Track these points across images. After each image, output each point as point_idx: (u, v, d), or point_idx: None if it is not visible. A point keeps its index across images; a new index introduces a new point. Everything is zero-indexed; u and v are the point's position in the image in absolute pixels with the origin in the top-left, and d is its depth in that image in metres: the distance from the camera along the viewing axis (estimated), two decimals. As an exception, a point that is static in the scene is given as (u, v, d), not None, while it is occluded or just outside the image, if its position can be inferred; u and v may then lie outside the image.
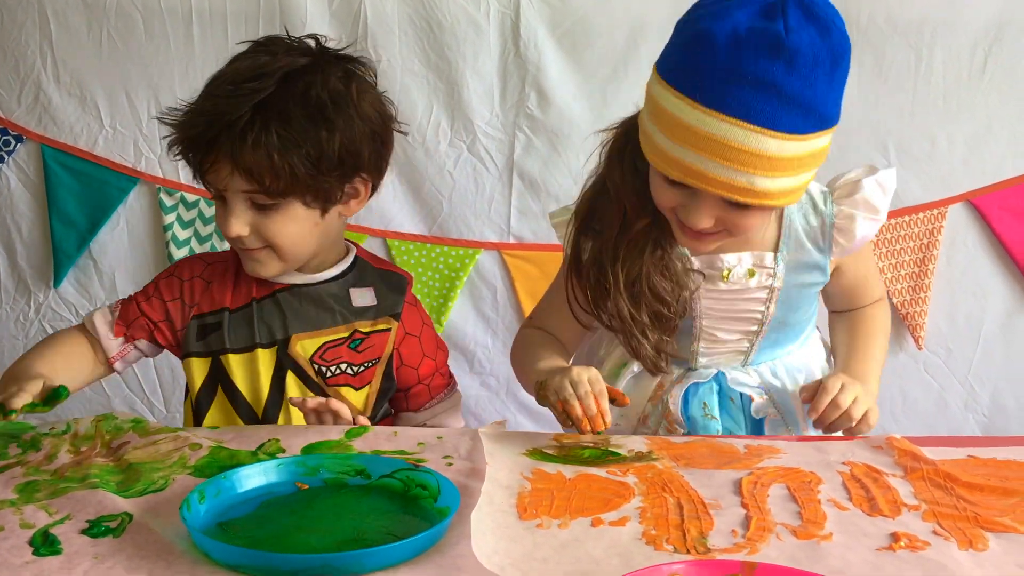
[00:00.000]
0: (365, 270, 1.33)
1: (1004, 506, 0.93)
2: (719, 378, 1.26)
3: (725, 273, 1.19)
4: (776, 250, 1.21)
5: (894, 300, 1.97)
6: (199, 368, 1.28)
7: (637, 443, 1.11)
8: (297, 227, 1.21)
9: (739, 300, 1.22)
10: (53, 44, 1.92)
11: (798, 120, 1.02)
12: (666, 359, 1.21)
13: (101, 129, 1.95)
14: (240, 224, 1.19)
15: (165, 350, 1.33)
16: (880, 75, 1.91)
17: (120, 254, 2.01)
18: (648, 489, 0.96)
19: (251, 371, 1.27)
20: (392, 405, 1.35)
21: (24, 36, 1.92)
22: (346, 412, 1.18)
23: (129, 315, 1.29)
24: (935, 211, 1.95)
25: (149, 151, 1.97)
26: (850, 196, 1.22)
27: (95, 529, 0.86)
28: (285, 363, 1.26)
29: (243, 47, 1.22)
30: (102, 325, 1.28)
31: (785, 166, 1.03)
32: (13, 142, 1.95)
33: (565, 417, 1.09)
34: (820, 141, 1.06)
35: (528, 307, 2.00)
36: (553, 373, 1.13)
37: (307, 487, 0.95)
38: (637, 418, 1.29)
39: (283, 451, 1.05)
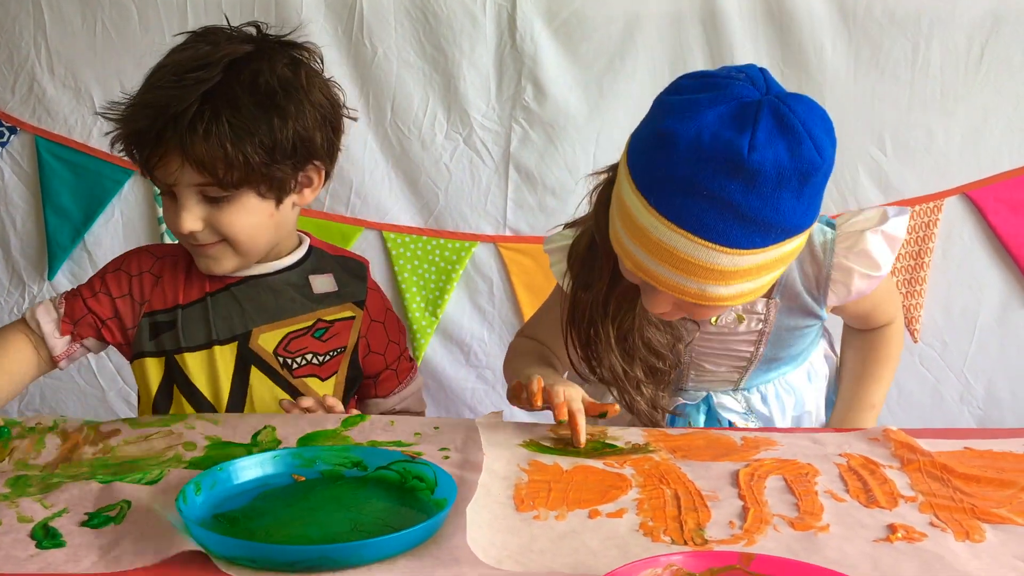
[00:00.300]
0: (321, 257, 1.31)
1: (1000, 497, 0.93)
2: (708, 400, 1.27)
3: (713, 320, 1.18)
4: (769, 296, 1.17)
5: (890, 293, 1.96)
6: (153, 369, 1.24)
7: (634, 435, 1.11)
8: (252, 219, 1.18)
9: (728, 341, 1.21)
10: (47, 35, 1.92)
11: (756, 237, 0.96)
12: (662, 413, 1.19)
13: (95, 120, 1.94)
14: (192, 219, 1.15)
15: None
16: (877, 67, 1.91)
17: (115, 246, 2.00)
18: (645, 481, 0.96)
19: (210, 369, 1.23)
20: (358, 392, 1.34)
21: (18, 27, 1.91)
22: (340, 407, 1.17)
23: (75, 312, 1.23)
24: (931, 204, 1.95)
25: (144, 143, 1.95)
26: (852, 248, 1.16)
27: (96, 520, 0.86)
28: (248, 358, 1.23)
29: (180, 38, 1.19)
30: (47, 323, 1.22)
31: (740, 276, 0.99)
32: (7, 133, 1.95)
33: (523, 402, 1.09)
34: (786, 247, 1.00)
35: (524, 300, 2.00)
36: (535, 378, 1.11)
37: (303, 479, 0.94)
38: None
39: (279, 442, 1.05)
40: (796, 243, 1.01)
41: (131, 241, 2.00)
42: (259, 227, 1.20)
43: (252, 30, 1.21)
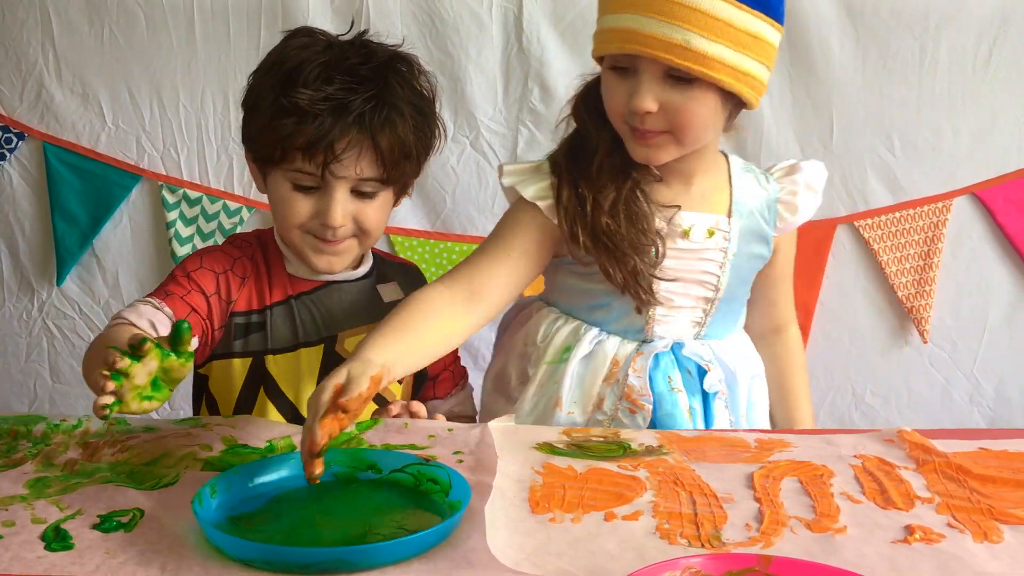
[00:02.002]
0: (384, 265, 1.35)
1: (1017, 498, 0.93)
2: (675, 350, 1.25)
3: (687, 229, 1.21)
4: (729, 215, 1.24)
5: (899, 293, 1.96)
6: (239, 370, 1.23)
7: (647, 437, 1.11)
8: (386, 215, 1.24)
9: (697, 261, 1.23)
10: (55, 41, 1.91)
11: None
12: (650, 284, 1.19)
13: (103, 126, 1.94)
14: (345, 213, 1.18)
15: None
16: (885, 67, 1.90)
17: (123, 251, 2.00)
18: (660, 483, 0.96)
19: (295, 371, 1.23)
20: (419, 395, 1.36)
21: (26, 34, 1.91)
22: (424, 413, 1.17)
23: (178, 310, 1.16)
24: (940, 204, 1.94)
25: (152, 148, 1.96)
26: (789, 175, 1.30)
27: (106, 524, 0.85)
28: (334, 361, 1.22)
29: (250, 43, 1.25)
30: (163, 327, 1.11)
31: (720, 30, 1.08)
32: (15, 140, 1.94)
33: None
34: (758, 24, 1.11)
35: (532, 302, 2.00)
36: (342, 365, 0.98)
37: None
38: (592, 404, 1.24)
39: (294, 446, 1.05)
40: (766, 31, 1.12)
41: (139, 246, 2.00)
42: (385, 224, 1.26)
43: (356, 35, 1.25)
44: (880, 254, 1.95)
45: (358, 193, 1.19)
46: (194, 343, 1.11)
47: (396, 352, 1.04)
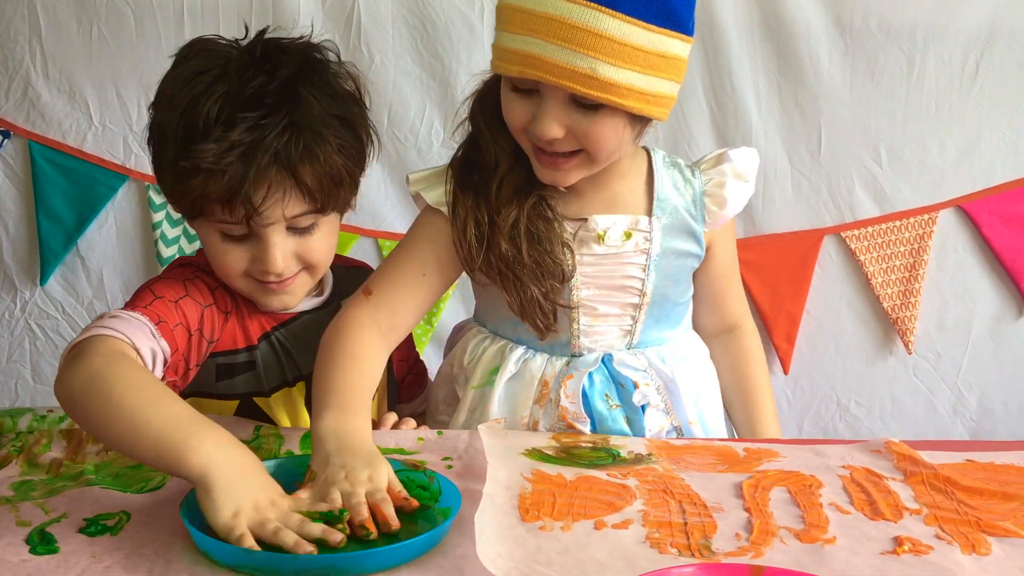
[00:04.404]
0: (341, 278, 1.26)
1: (1005, 510, 0.93)
2: (606, 362, 1.19)
3: (601, 234, 1.15)
4: (650, 214, 1.17)
5: (884, 304, 1.97)
6: (220, 412, 1.14)
7: (636, 445, 1.11)
8: (332, 240, 1.15)
9: (617, 265, 1.16)
10: (42, 39, 1.90)
11: (639, 5, 1.00)
12: (554, 311, 1.13)
13: (90, 126, 1.93)
14: (286, 256, 1.08)
15: None
16: (872, 80, 1.92)
17: (108, 252, 1.99)
18: (650, 492, 0.96)
19: (291, 409, 1.18)
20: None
21: (13, 31, 1.89)
22: (412, 425, 1.16)
23: (172, 346, 1.05)
24: (926, 216, 1.95)
25: (139, 148, 1.94)
26: (717, 166, 1.23)
27: (92, 528, 0.85)
28: None
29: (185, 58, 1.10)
30: (148, 355, 1.01)
31: (629, 56, 1.00)
32: (0, 138, 1.93)
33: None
34: (668, 43, 1.03)
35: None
36: (331, 455, 0.90)
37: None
38: (525, 426, 1.18)
39: (282, 439, 1.04)
40: (677, 47, 1.04)
41: (124, 247, 1.99)
42: (333, 248, 1.17)
43: (245, 36, 1.15)
44: (866, 265, 1.96)
45: (296, 230, 1.09)
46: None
47: (366, 414, 0.99)
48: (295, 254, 1.11)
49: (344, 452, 0.90)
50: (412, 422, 1.13)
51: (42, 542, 0.82)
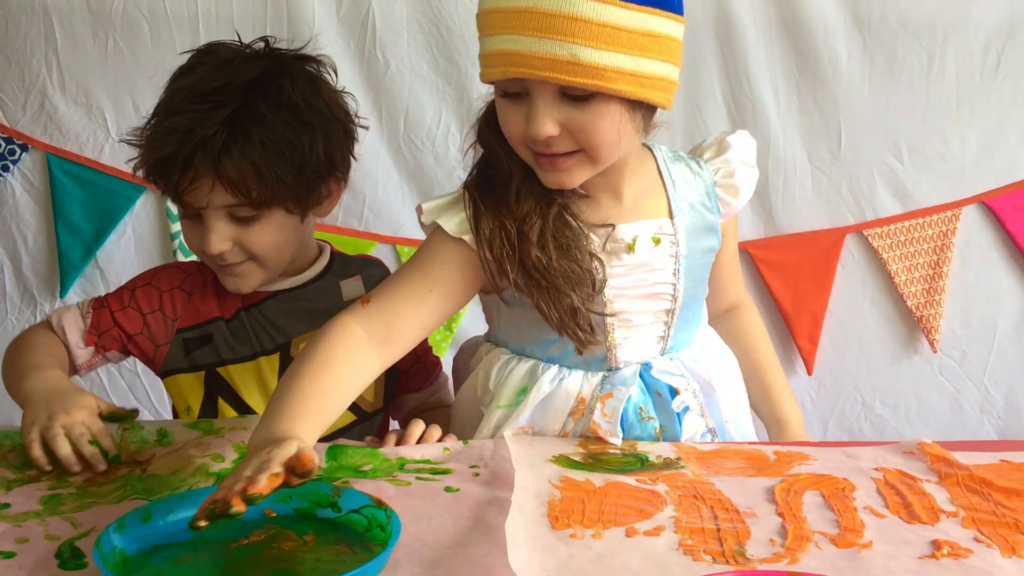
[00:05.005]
0: (345, 262, 1.33)
1: (1044, 511, 0.91)
2: (642, 373, 1.15)
3: (630, 243, 1.11)
4: (671, 216, 1.14)
5: (908, 303, 1.95)
6: (192, 384, 1.25)
7: (665, 450, 1.09)
8: (281, 235, 1.19)
9: (647, 273, 1.13)
10: (58, 52, 1.90)
11: None
12: (590, 322, 1.09)
13: (107, 137, 1.93)
14: (221, 240, 1.16)
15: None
16: (892, 76, 1.90)
17: (127, 263, 1.99)
18: (680, 498, 0.95)
19: (258, 379, 1.25)
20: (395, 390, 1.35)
21: (29, 44, 1.90)
22: (436, 434, 1.12)
23: (102, 324, 1.23)
24: (949, 213, 1.93)
25: (156, 159, 1.94)
26: (720, 155, 1.20)
27: None
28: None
29: (187, 55, 1.21)
30: (73, 332, 1.22)
31: (610, 38, 0.96)
32: (18, 151, 1.93)
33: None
34: (653, 21, 0.99)
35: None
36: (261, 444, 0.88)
37: (275, 514, 0.89)
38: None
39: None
40: (664, 26, 1.00)
41: (143, 258, 1.99)
42: (285, 242, 1.21)
43: (261, 45, 1.23)
44: (889, 263, 1.94)
45: (236, 218, 1.16)
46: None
47: (313, 422, 0.94)
48: (235, 241, 1.17)
49: (262, 446, 0.86)
50: (437, 431, 1.11)
51: (72, 557, 0.82)
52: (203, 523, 0.79)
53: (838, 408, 2.01)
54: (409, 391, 1.36)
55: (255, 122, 1.13)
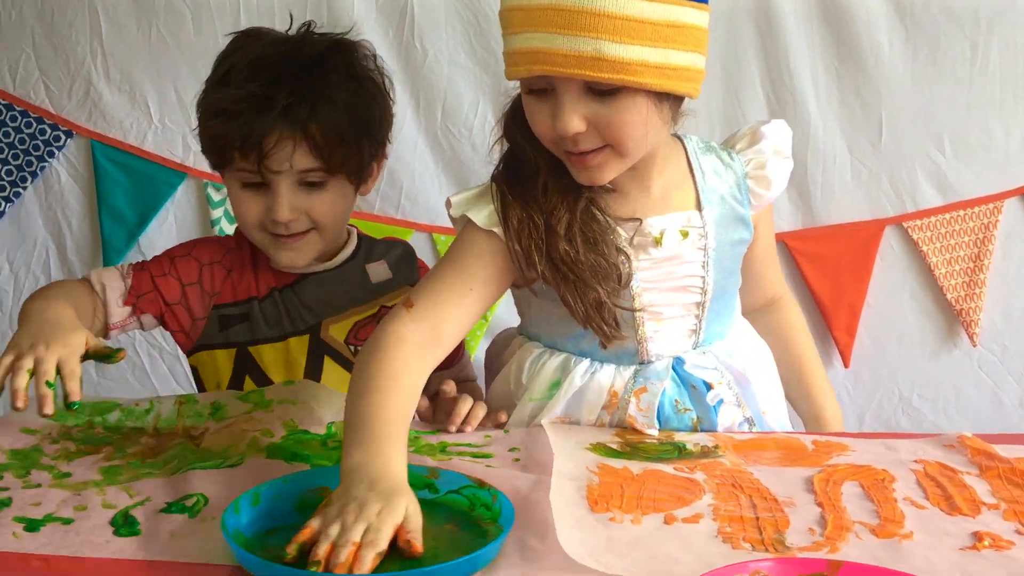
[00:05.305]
0: (371, 245, 1.36)
1: (1087, 505, 0.91)
2: (675, 367, 1.15)
3: (658, 237, 1.11)
4: (699, 207, 1.13)
5: (948, 295, 1.93)
6: (223, 360, 1.27)
7: (702, 439, 1.09)
8: (342, 205, 1.25)
9: (676, 266, 1.12)
10: (103, 40, 1.93)
11: None
12: (615, 316, 1.09)
13: (150, 124, 1.96)
14: (291, 208, 1.19)
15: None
16: (935, 66, 1.88)
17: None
18: (718, 486, 0.95)
19: (286, 360, 1.27)
20: None
21: (74, 32, 1.93)
22: (467, 403, 1.14)
23: (142, 286, 1.23)
24: (991, 205, 1.91)
25: (197, 146, 1.96)
26: (753, 145, 1.19)
27: (173, 507, 0.88)
28: (321, 348, 1.28)
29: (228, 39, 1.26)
30: (114, 290, 1.21)
31: (635, 31, 0.96)
32: (63, 137, 1.97)
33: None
34: (678, 12, 0.98)
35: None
36: (351, 487, 0.84)
37: None
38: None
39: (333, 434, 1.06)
40: (690, 16, 0.99)
41: (184, 244, 2.02)
42: (345, 213, 1.27)
43: (303, 30, 1.26)
44: (929, 256, 1.92)
45: (306, 185, 1.20)
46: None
47: (400, 446, 0.91)
48: (303, 210, 1.21)
49: (363, 484, 0.84)
50: (482, 408, 1.13)
51: (126, 524, 0.85)
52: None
53: (875, 401, 1.99)
54: (439, 369, 1.36)
55: (333, 89, 1.19)
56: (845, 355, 1.96)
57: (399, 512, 0.81)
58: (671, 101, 1.05)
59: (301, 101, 1.16)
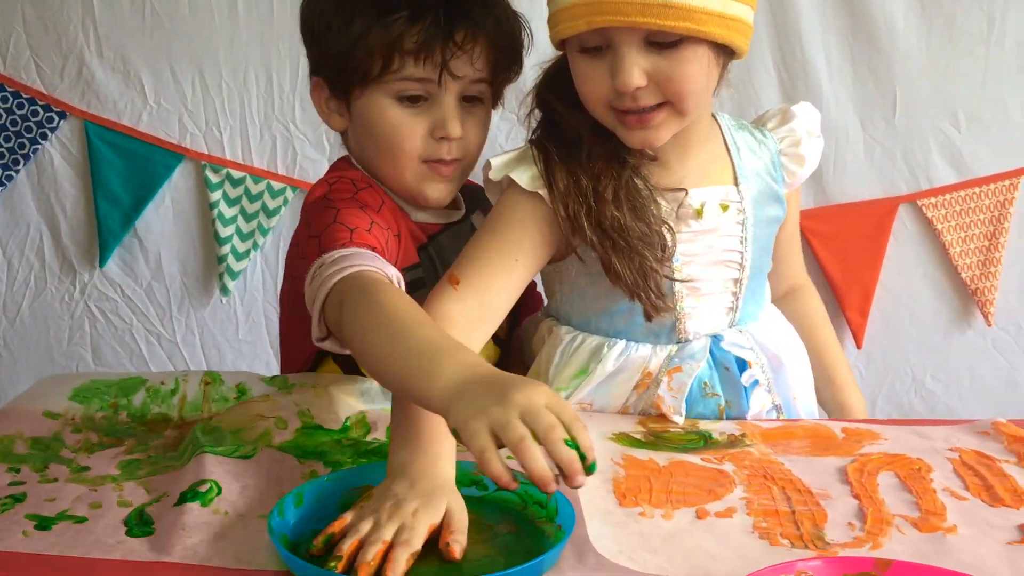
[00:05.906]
0: (472, 193, 1.27)
1: None
2: (712, 346, 1.12)
3: (699, 209, 1.08)
4: (736, 183, 1.11)
5: (963, 275, 1.89)
6: None
7: (728, 427, 1.06)
8: (485, 134, 1.19)
9: (716, 239, 1.10)
10: (96, 19, 1.87)
11: None
12: (660, 289, 1.05)
13: (145, 105, 1.91)
14: (460, 123, 1.13)
15: None
16: (950, 41, 1.83)
17: (165, 232, 1.97)
18: (749, 478, 0.91)
19: None
20: None
21: (66, 11, 1.87)
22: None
23: (378, 247, 1.04)
24: (1007, 182, 1.87)
25: (194, 127, 1.92)
26: (785, 123, 1.18)
27: (185, 497, 0.85)
28: None
29: None
30: (391, 269, 1.00)
31: None
32: (56, 119, 1.91)
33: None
34: None
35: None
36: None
37: None
38: (616, 412, 1.12)
39: (369, 428, 1.01)
40: None
41: (182, 227, 1.97)
42: (483, 146, 1.20)
43: None
44: (943, 234, 1.89)
45: (466, 100, 1.14)
46: None
47: (449, 444, 0.85)
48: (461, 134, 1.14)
49: (404, 482, 0.80)
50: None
51: (140, 523, 0.82)
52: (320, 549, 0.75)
53: (887, 382, 1.96)
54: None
55: (497, 5, 1.16)
56: (858, 336, 1.93)
57: (437, 512, 0.77)
58: (724, 58, 1.02)
59: (483, 5, 1.13)
